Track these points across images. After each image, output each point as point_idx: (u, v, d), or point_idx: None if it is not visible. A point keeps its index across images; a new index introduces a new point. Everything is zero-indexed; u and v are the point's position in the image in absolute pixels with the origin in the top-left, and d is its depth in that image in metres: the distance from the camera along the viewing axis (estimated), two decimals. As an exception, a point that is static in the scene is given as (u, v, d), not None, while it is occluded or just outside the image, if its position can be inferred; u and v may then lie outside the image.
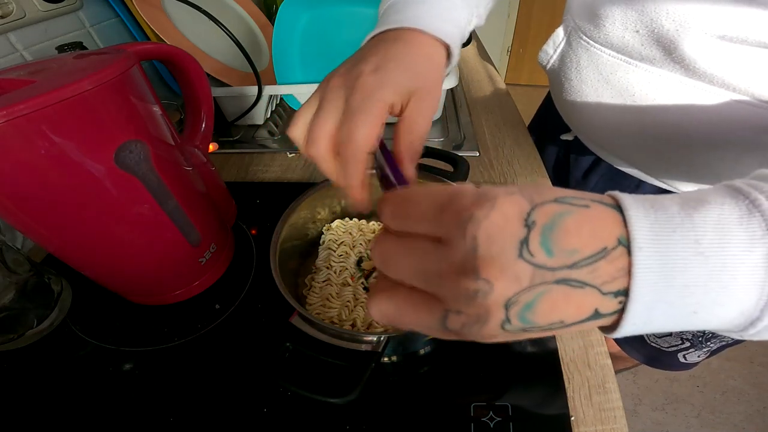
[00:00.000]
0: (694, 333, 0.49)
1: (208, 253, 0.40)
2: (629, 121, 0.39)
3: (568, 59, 0.42)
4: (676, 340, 0.52)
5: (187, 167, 0.37)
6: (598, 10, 0.36)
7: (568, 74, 0.42)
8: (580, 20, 0.39)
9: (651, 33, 0.33)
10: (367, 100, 0.23)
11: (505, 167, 0.57)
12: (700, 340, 0.50)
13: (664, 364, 0.56)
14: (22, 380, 0.35)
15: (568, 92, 0.43)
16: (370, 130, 0.23)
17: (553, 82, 0.49)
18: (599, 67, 0.38)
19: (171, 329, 0.38)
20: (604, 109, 0.40)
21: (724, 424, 1.07)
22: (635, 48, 0.35)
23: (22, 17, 0.44)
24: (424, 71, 0.26)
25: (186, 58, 0.38)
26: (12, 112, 0.22)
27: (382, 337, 0.28)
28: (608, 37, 0.36)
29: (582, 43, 0.39)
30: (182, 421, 0.32)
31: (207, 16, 0.51)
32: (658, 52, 0.33)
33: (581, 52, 0.40)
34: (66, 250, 0.33)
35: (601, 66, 0.38)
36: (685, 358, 0.53)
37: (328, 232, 0.44)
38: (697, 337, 0.50)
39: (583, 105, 0.42)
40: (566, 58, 0.42)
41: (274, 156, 0.62)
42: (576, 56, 0.41)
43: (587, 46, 0.39)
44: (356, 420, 0.31)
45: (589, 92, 0.41)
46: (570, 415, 0.31)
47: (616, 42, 0.36)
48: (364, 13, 0.57)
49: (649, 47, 0.34)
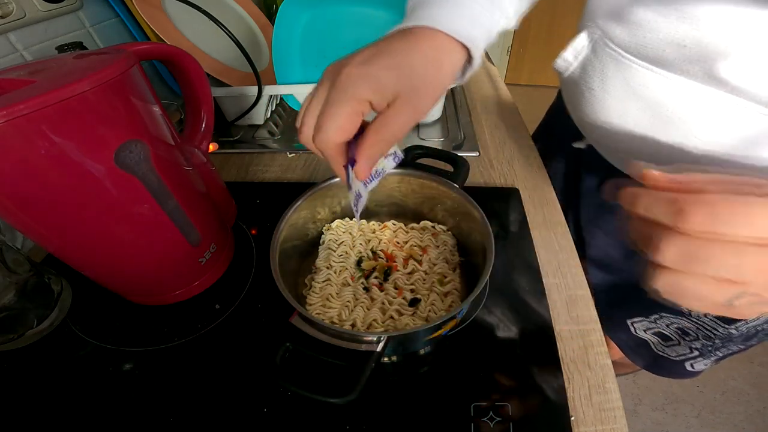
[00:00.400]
0: (704, 343, 0.48)
1: (208, 253, 0.40)
2: (658, 135, 0.36)
3: (592, 68, 0.39)
4: (684, 350, 0.51)
5: (187, 167, 0.37)
6: (635, 18, 0.33)
7: (591, 84, 0.39)
8: (609, 27, 0.36)
9: (699, 48, 0.30)
10: (342, 94, 0.23)
11: (505, 167, 0.57)
12: (710, 349, 0.49)
13: (671, 372, 0.55)
14: (22, 380, 0.35)
15: (590, 103, 0.41)
16: (340, 123, 0.23)
17: (570, 90, 0.46)
18: (628, 79, 0.35)
19: (171, 329, 0.38)
20: (630, 122, 0.38)
21: (724, 424, 1.07)
22: (676, 62, 0.32)
23: (22, 17, 0.44)
24: (420, 73, 0.25)
25: (186, 58, 0.38)
26: (12, 112, 0.22)
27: (382, 337, 0.28)
28: (645, 48, 0.33)
29: (610, 53, 0.36)
30: (182, 421, 0.32)
31: (207, 16, 0.51)
32: (703, 67, 0.31)
33: (608, 61, 0.37)
34: (66, 250, 0.33)
35: (631, 77, 0.35)
36: (692, 367, 0.52)
37: (328, 232, 0.44)
38: (706, 347, 0.49)
39: (606, 117, 0.40)
40: (589, 66, 0.39)
41: (274, 156, 0.62)
42: (601, 65, 0.38)
43: (616, 55, 0.36)
44: (356, 420, 0.31)
45: (614, 104, 0.38)
46: (570, 415, 0.31)
47: (653, 54, 0.33)
48: (364, 13, 0.57)
49: (693, 62, 0.31)
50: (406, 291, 0.38)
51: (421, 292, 0.38)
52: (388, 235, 0.43)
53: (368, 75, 0.23)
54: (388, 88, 0.24)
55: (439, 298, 0.37)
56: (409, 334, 0.31)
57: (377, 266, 0.40)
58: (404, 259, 0.41)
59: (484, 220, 0.35)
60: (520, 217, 0.48)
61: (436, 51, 0.26)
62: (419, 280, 0.39)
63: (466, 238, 0.42)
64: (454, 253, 0.42)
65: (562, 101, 0.52)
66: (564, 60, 0.42)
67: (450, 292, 0.37)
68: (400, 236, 0.43)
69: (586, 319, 0.38)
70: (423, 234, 0.43)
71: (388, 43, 0.26)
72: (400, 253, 0.42)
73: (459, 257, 0.41)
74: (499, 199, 0.50)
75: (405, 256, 0.41)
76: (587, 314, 0.38)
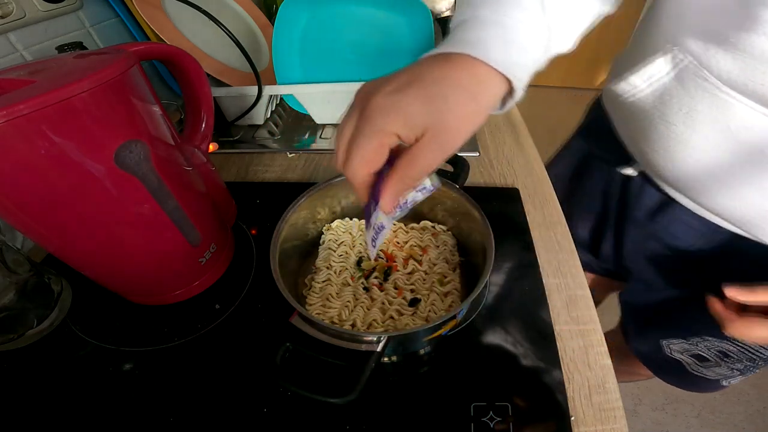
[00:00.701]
0: (747, 364, 0.46)
1: (208, 253, 0.40)
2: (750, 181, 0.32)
3: (674, 100, 0.33)
4: (724, 371, 0.49)
5: (187, 167, 0.37)
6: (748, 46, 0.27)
7: (669, 117, 0.34)
8: (706, 54, 0.30)
9: None
10: (370, 126, 0.22)
11: (505, 167, 0.57)
12: (751, 369, 0.47)
13: (704, 388, 0.53)
14: (22, 380, 0.35)
15: (664, 137, 0.35)
16: (366, 156, 0.23)
17: (628, 115, 0.40)
18: (726, 118, 0.30)
19: (171, 329, 0.38)
20: (716, 163, 0.33)
21: (724, 424, 1.07)
22: None
23: (22, 17, 0.44)
24: (452, 107, 0.23)
25: (186, 58, 0.38)
26: (12, 112, 0.22)
27: (382, 337, 0.28)
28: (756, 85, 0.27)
29: (703, 85, 0.30)
30: (182, 421, 0.32)
31: (207, 16, 0.51)
32: None
33: (699, 95, 0.31)
34: (66, 250, 0.33)
35: (731, 117, 0.30)
36: (728, 383, 0.51)
37: (328, 232, 0.44)
38: (748, 368, 0.47)
39: (685, 155, 0.35)
40: (669, 97, 0.34)
41: (274, 156, 0.62)
42: (689, 99, 0.32)
43: (712, 89, 0.30)
44: (356, 420, 0.31)
45: (700, 143, 0.33)
46: (570, 415, 0.31)
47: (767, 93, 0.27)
48: (364, 13, 0.57)
49: None
50: (406, 291, 0.38)
51: (421, 292, 0.38)
52: (388, 235, 0.43)
53: (397, 107, 0.22)
54: (417, 123, 0.22)
55: (439, 298, 0.37)
56: (409, 334, 0.31)
57: (377, 266, 0.40)
58: (404, 259, 0.41)
59: (484, 220, 0.35)
60: (520, 217, 0.48)
61: (473, 82, 0.23)
62: (419, 280, 0.39)
63: (466, 238, 0.42)
64: (454, 253, 0.42)
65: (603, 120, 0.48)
66: (630, 85, 0.36)
67: (450, 292, 0.37)
68: (400, 236, 0.43)
69: (586, 319, 0.38)
70: (423, 234, 0.43)
71: (422, 70, 0.24)
72: (400, 253, 0.42)
73: (459, 257, 0.41)
74: (499, 199, 0.50)
75: (405, 256, 0.41)
76: (587, 314, 0.38)
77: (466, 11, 0.27)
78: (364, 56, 0.59)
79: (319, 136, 0.66)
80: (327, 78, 0.60)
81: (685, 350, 0.50)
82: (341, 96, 0.61)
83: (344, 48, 0.59)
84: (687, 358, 0.51)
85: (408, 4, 0.55)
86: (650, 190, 0.45)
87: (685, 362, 0.51)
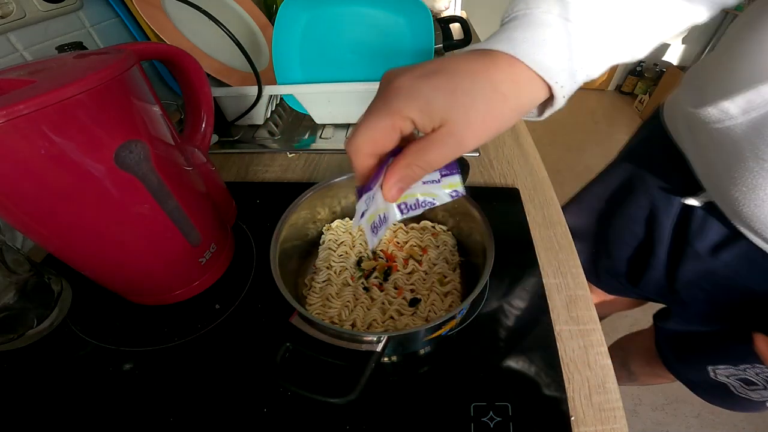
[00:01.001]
0: None
1: (208, 253, 0.40)
2: None
3: None
4: None
5: (187, 167, 0.37)
6: None
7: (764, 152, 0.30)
8: None
9: None
10: (386, 105, 0.21)
11: (505, 167, 0.57)
12: None
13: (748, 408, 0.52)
14: (22, 380, 0.35)
15: (752, 173, 0.31)
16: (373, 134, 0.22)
17: (709, 143, 0.36)
18: None
19: (171, 329, 0.38)
20: None
21: (724, 424, 1.07)
22: None
23: (22, 17, 0.44)
24: (478, 104, 0.21)
25: (186, 58, 0.38)
26: (12, 112, 0.22)
27: (382, 337, 0.28)
28: None
29: None
30: (182, 421, 0.32)
31: (207, 16, 0.51)
32: None
33: None
34: (66, 250, 0.33)
35: None
36: None
37: (328, 232, 0.44)
38: None
39: None
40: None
41: (274, 156, 0.62)
42: None
43: None
44: (356, 420, 0.31)
45: None
46: (570, 415, 0.31)
47: None
48: (364, 13, 0.57)
49: None
50: (406, 291, 0.38)
51: (421, 292, 0.38)
52: (388, 235, 0.43)
53: (419, 92, 0.21)
54: (436, 112, 0.21)
55: (439, 298, 0.37)
56: (409, 334, 0.31)
57: (377, 266, 0.40)
58: (404, 259, 0.41)
59: (484, 220, 0.35)
60: (520, 217, 0.48)
61: (507, 83, 0.22)
62: (419, 280, 0.39)
63: (466, 238, 0.42)
64: (454, 253, 0.42)
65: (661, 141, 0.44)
66: (721, 111, 0.32)
67: (450, 292, 0.37)
68: (400, 236, 0.43)
69: (586, 319, 0.38)
70: (423, 234, 0.43)
71: (455, 61, 0.22)
72: (400, 253, 0.42)
73: (459, 257, 0.41)
74: (499, 199, 0.50)
75: (405, 256, 0.41)
76: (587, 314, 0.38)
77: (519, 5, 0.25)
78: (364, 56, 0.59)
79: (319, 136, 0.66)
80: (327, 78, 0.60)
81: (732, 374, 0.49)
82: (341, 96, 0.61)
83: (344, 48, 0.59)
84: (734, 382, 0.50)
85: (408, 4, 0.55)
86: (716, 224, 0.41)
87: (732, 385, 0.50)
